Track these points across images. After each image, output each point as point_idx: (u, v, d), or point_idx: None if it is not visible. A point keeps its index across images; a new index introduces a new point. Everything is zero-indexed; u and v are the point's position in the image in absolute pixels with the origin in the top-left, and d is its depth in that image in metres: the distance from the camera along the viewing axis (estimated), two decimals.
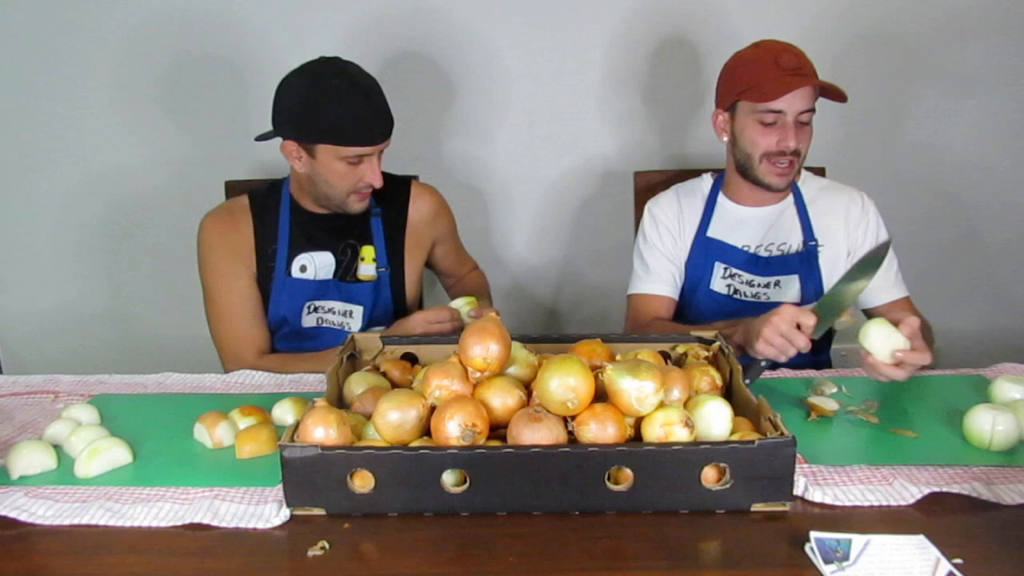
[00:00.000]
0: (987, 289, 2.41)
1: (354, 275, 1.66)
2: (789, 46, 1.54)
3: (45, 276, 2.40)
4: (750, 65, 1.55)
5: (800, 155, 1.55)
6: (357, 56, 1.55)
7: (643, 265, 1.72)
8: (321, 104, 1.46)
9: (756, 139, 1.55)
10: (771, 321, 1.27)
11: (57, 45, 2.20)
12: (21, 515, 1.01)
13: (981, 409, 1.14)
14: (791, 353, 1.28)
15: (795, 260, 1.62)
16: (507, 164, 2.32)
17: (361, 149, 1.50)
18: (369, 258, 1.66)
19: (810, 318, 1.26)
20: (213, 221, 1.63)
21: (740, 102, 1.57)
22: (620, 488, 0.98)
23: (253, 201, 1.65)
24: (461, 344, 1.10)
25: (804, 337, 1.26)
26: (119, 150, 2.29)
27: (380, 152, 1.55)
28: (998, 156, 2.30)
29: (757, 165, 1.57)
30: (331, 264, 1.64)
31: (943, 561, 0.86)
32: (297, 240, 1.63)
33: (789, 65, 1.51)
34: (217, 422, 1.19)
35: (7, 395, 1.41)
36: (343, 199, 1.57)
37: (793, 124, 1.52)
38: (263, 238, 1.62)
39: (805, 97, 1.51)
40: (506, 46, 2.22)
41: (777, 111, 1.51)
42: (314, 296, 1.63)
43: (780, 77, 1.50)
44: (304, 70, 1.50)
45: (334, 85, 1.46)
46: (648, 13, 2.19)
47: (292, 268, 1.62)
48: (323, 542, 0.94)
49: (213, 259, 1.61)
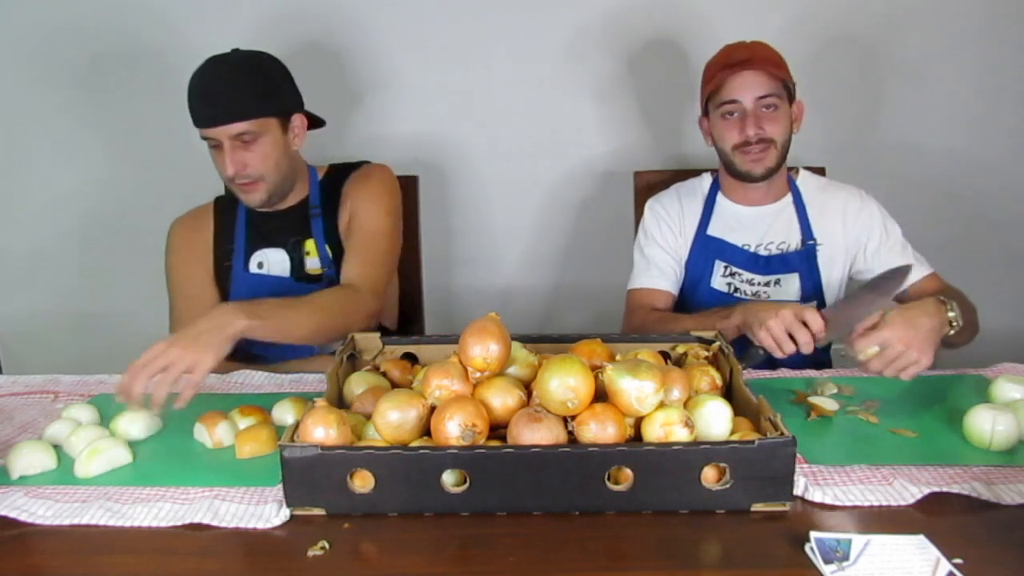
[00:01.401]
0: (987, 289, 2.40)
1: (306, 272, 1.65)
2: (749, 43, 1.60)
3: (45, 276, 2.40)
4: (711, 66, 1.63)
5: (773, 141, 1.58)
6: (345, 56, 1.55)
7: (644, 259, 1.72)
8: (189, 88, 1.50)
9: (723, 134, 1.60)
10: (779, 313, 1.30)
11: (33, 44, 2.21)
12: (21, 515, 1.01)
13: (981, 409, 1.14)
14: (788, 349, 1.29)
15: (795, 259, 1.63)
16: (505, 165, 2.32)
17: (204, 131, 1.50)
18: (313, 252, 1.65)
19: (818, 320, 1.27)
20: (178, 227, 1.67)
21: (709, 104, 1.63)
22: (620, 488, 0.98)
23: (218, 204, 1.69)
24: (461, 344, 1.10)
25: (807, 334, 1.27)
26: (118, 149, 2.29)
27: (236, 140, 1.49)
28: (997, 155, 2.30)
29: (732, 159, 1.61)
30: (285, 261, 1.64)
31: (943, 561, 0.86)
32: (252, 238, 1.65)
33: (739, 58, 1.56)
34: (217, 422, 1.19)
35: (7, 395, 1.41)
36: (235, 191, 1.57)
37: (753, 112, 1.55)
38: (221, 238, 1.65)
39: (758, 84, 1.55)
40: (504, 47, 2.22)
41: (731, 101, 1.56)
42: (271, 293, 1.60)
43: (728, 69, 1.55)
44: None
45: (199, 69, 1.49)
46: (642, 12, 2.19)
47: (250, 265, 1.64)
48: (323, 542, 0.94)
49: (173, 260, 1.65)
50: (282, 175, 1.58)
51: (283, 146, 1.56)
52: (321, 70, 2.20)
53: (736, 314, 1.40)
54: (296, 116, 1.59)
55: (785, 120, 1.59)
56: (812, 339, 1.29)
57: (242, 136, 1.49)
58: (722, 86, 1.57)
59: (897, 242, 1.64)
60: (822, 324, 1.28)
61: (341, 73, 2.22)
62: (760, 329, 1.32)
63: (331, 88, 2.22)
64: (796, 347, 1.30)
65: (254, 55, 1.54)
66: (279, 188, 1.59)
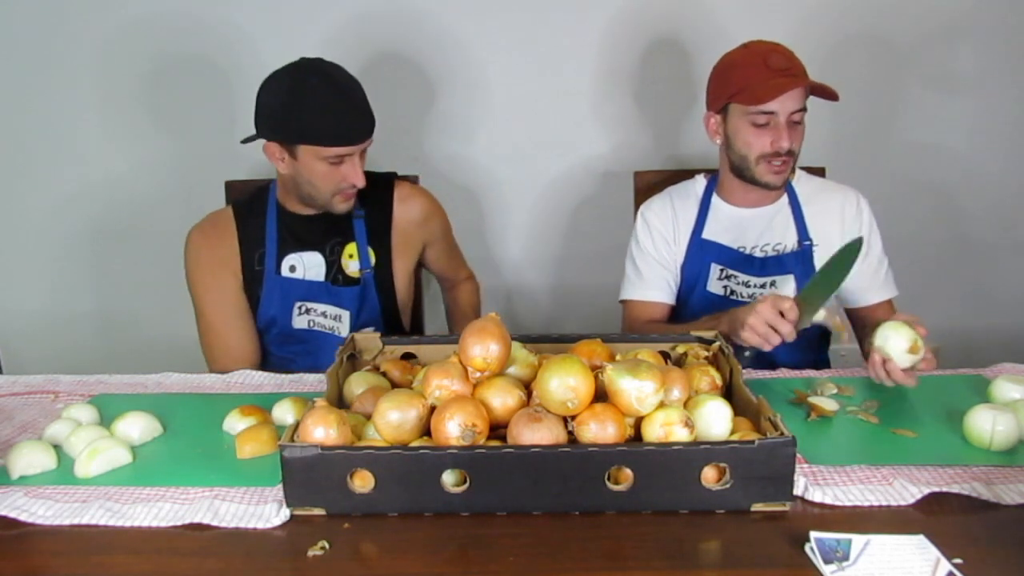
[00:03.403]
0: (987, 289, 2.41)
1: (344, 275, 1.65)
2: (777, 46, 1.55)
3: (46, 276, 2.39)
4: (740, 67, 1.55)
5: (794, 154, 1.56)
6: (348, 56, 1.56)
7: (635, 271, 1.72)
8: (300, 105, 1.46)
9: (750, 141, 1.55)
10: (756, 310, 1.32)
11: (51, 47, 2.20)
12: (21, 515, 1.01)
13: (981, 409, 1.14)
14: (775, 341, 1.32)
15: (790, 260, 1.63)
16: (504, 165, 2.31)
17: (340, 149, 1.49)
18: (355, 255, 1.66)
19: (791, 306, 1.30)
20: (197, 235, 1.64)
21: (732, 105, 1.57)
22: (620, 488, 0.98)
23: (237, 210, 1.66)
24: (461, 344, 1.10)
25: (788, 324, 1.30)
26: (119, 150, 2.29)
27: (362, 152, 1.55)
28: (996, 155, 2.30)
29: (754, 167, 1.57)
30: (320, 265, 1.64)
31: (943, 561, 0.86)
32: (285, 241, 1.63)
33: (779, 66, 1.51)
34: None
35: (7, 395, 1.41)
36: (327, 200, 1.56)
37: (786, 124, 1.52)
38: (248, 244, 1.63)
39: (796, 97, 1.52)
40: (502, 47, 2.22)
41: (769, 112, 1.52)
42: (305, 297, 1.62)
43: (771, 78, 1.50)
44: (284, 71, 1.50)
45: (312, 85, 1.46)
46: (640, 12, 2.19)
47: (282, 268, 1.63)
48: (323, 542, 0.94)
49: (199, 273, 1.62)
50: None
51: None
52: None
53: (723, 323, 1.42)
54: None
55: (803, 131, 1.58)
56: (793, 327, 1.31)
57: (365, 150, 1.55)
58: (760, 93, 1.50)
59: (875, 257, 1.63)
60: (793, 307, 1.31)
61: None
62: (743, 330, 1.33)
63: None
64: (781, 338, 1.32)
65: (344, 71, 1.54)
66: None
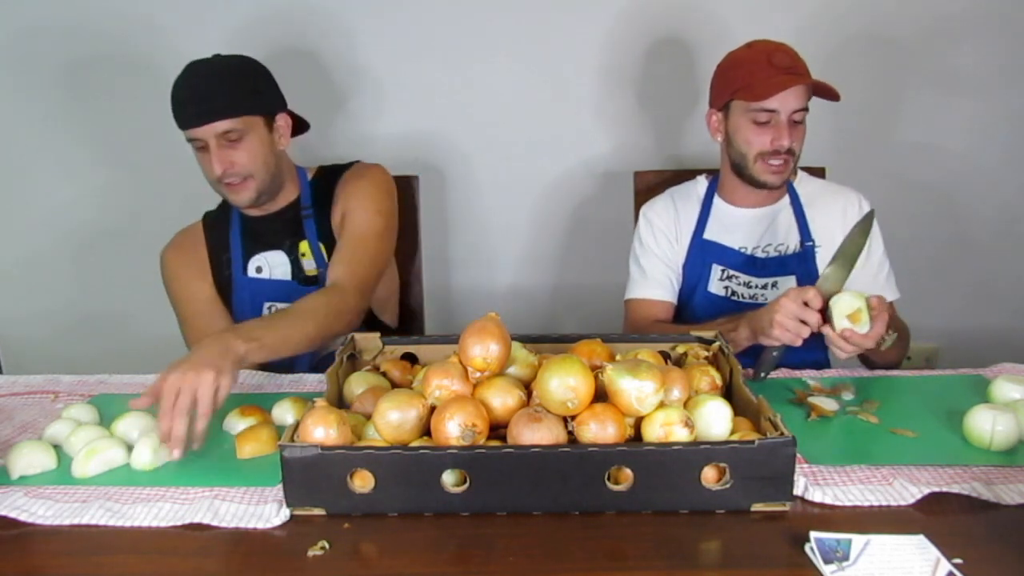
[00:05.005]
0: (987, 289, 2.41)
1: (304, 274, 1.65)
2: (781, 45, 1.55)
3: (45, 276, 2.39)
4: (743, 65, 1.56)
5: (794, 154, 1.56)
6: (347, 55, 1.54)
7: (639, 270, 1.72)
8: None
9: (750, 138, 1.55)
10: (781, 305, 1.30)
11: (49, 48, 2.21)
12: (21, 515, 1.01)
13: (981, 409, 1.14)
14: (805, 334, 1.30)
15: (792, 261, 1.63)
16: (504, 165, 2.31)
17: (191, 132, 1.50)
18: (308, 254, 1.65)
19: (814, 295, 1.29)
20: (169, 251, 1.67)
21: (734, 102, 1.57)
22: (620, 488, 0.98)
23: (206, 221, 1.70)
24: (461, 344, 1.10)
25: (815, 314, 1.29)
26: (117, 152, 2.29)
27: (222, 138, 1.49)
28: (996, 155, 2.30)
29: (752, 164, 1.57)
30: (286, 264, 1.65)
31: (943, 561, 0.86)
32: (248, 243, 1.65)
33: (782, 64, 1.51)
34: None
35: (7, 395, 1.41)
36: (222, 193, 1.57)
37: (787, 123, 1.52)
38: (216, 251, 1.66)
39: (798, 96, 1.52)
40: (503, 47, 2.22)
41: (771, 110, 1.52)
42: (273, 297, 1.63)
43: (773, 76, 1.50)
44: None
45: (181, 74, 1.50)
46: (643, 12, 2.19)
47: (248, 269, 1.64)
48: (323, 542, 0.94)
49: (176, 287, 1.65)
50: (270, 174, 1.57)
51: (269, 145, 1.56)
52: (322, 70, 2.21)
53: (742, 327, 1.40)
54: (280, 116, 1.59)
55: (804, 131, 1.58)
56: (820, 316, 1.30)
57: (228, 134, 1.49)
58: (762, 91, 1.50)
59: (876, 260, 1.63)
60: (817, 295, 1.29)
61: (341, 73, 2.22)
62: (772, 328, 1.31)
63: (331, 88, 2.23)
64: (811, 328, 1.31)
65: (235, 58, 1.55)
66: (268, 187, 1.59)
